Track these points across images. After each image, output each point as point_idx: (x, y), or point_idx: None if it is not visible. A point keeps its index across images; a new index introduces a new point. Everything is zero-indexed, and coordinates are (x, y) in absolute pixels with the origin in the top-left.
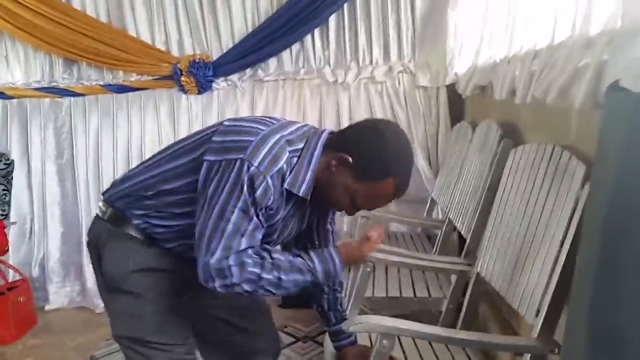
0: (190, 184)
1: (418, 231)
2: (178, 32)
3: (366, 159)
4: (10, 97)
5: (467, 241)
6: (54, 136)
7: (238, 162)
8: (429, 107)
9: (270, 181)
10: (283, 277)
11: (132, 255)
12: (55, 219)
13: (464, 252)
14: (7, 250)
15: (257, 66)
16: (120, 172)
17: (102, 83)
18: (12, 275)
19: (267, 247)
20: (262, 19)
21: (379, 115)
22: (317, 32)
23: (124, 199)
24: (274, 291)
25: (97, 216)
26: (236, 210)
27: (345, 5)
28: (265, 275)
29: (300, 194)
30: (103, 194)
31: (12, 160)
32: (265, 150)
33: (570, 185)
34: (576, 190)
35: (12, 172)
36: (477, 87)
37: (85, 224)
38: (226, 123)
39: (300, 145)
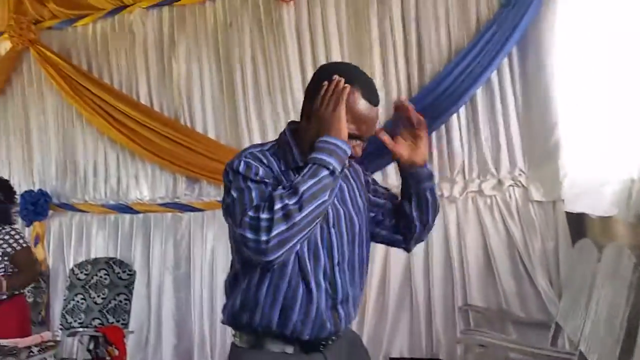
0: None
1: None
2: None
3: (313, 85)
4: (137, 212)
5: None
6: (173, 248)
7: (225, 181)
8: (546, 222)
9: (244, 160)
10: (302, 187)
11: None
12: (169, 329)
13: None
14: (125, 359)
15: None
16: None
17: (220, 199)
18: None
19: None
20: None
21: (491, 232)
22: None
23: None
24: (312, 208)
25: None
26: (236, 194)
27: (450, 119)
28: (287, 201)
29: (301, 163)
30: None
31: (135, 271)
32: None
33: None
34: None
35: (133, 282)
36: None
37: (197, 335)
38: None
39: (272, 143)
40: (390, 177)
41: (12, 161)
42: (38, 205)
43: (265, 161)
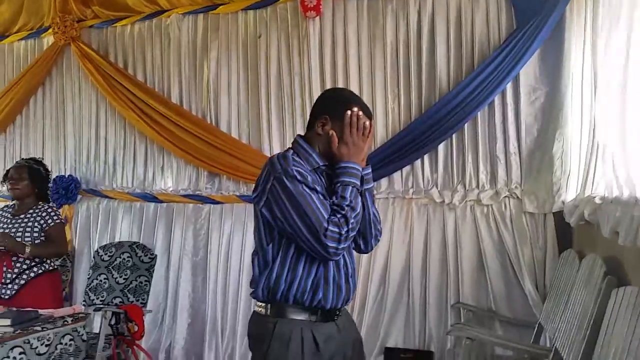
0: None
1: (525, 357)
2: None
3: (332, 105)
4: (161, 202)
5: None
6: (192, 236)
7: (272, 179)
8: (536, 232)
9: (295, 169)
10: (357, 207)
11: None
12: (184, 310)
13: None
14: (143, 335)
15: None
16: (245, 274)
17: (238, 194)
18: (142, 359)
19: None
20: (378, 144)
21: (485, 238)
22: (426, 156)
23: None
24: (358, 212)
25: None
26: (299, 199)
27: (454, 135)
28: (352, 218)
29: (322, 164)
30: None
31: (156, 255)
32: (276, 161)
33: None
34: None
35: (154, 265)
36: (583, 219)
37: (210, 316)
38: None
39: (291, 150)
40: (396, 183)
41: (45, 147)
42: (69, 190)
43: (303, 164)
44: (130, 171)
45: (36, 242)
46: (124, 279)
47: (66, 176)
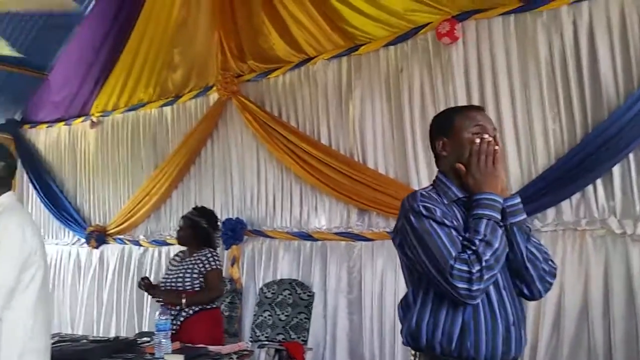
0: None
1: None
2: None
3: (439, 123)
4: (316, 240)
5: None
6: (346, 274)
7: (403, 218)
8: None
9: (422, 204)
10: (495, 243)
11: None
12: (343, 350)
13: None
14: None
15: (534, 216)
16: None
17: (388, 230)
18: None
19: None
20: (540, 171)
21: None
22: (599, 180)
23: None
24: (502, 256)
25: None
26: (424, 235)
27: (631, 154)
28: (488, 255)
29: (461, 196)
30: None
31: (314, 293)
32: (406, 200)
33: None
34: None
35: (312, 302)
36: None
37: (368, 355)
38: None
39: (430, 186)
40: (565, 213)
41: (215, 192)
42: (236, 231)
43: (435, 197)
44: (288, 211)
45: (195, 283)
46: (285, 315)
47: (233, 218)
